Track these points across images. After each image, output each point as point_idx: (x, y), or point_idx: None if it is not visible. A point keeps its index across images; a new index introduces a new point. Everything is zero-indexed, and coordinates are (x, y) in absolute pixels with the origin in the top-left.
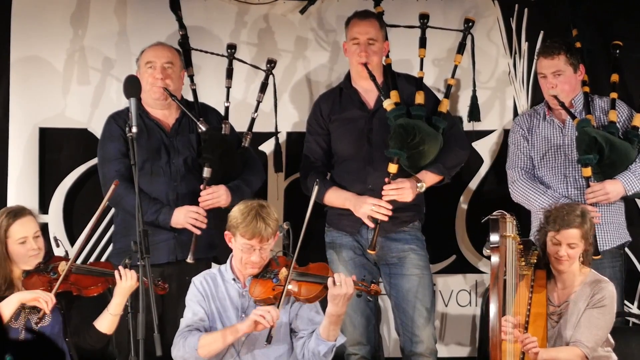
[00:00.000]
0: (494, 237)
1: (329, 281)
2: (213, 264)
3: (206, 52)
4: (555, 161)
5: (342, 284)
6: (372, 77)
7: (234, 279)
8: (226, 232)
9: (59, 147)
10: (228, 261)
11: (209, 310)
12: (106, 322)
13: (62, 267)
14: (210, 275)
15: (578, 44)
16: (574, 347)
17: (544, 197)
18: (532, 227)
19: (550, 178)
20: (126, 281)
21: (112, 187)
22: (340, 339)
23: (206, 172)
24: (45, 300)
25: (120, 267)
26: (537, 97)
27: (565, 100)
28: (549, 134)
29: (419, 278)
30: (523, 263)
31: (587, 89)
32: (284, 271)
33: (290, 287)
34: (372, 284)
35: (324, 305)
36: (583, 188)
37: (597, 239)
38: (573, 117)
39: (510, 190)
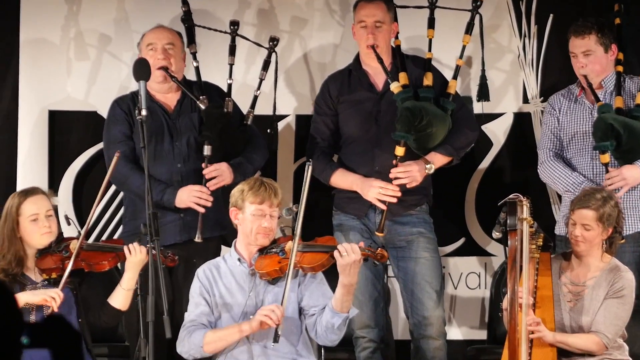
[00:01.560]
0: (511, 221)
1: (336, 252)
2: (223, 247)
3: (209, 28)
4: (584, 143)
5: (348, 252)
6: (380, 60)
7: (239, 259)
8: (232, 209)
9: (68, 130)
10: (232, 245)
11: (213, 299)
12: (120, 298)
13: (74, 245)
14: (213, 264)
15: (617, 20)
16: (593, 335)
17: (569, 180)
18: (561, 210)
19: (577, 160)
20: (136, 255)
21: (115, 159)
22: (353, 311)
23: (206, 149)
24: (52, 297)
25: (130, 244)
26: (547, 80)
27: (595, 80)
28: (579, 116)
29: (427, 261)
30: (533, 246)
31: (620, 68)
32: (289, 244)
33: (296, 259)
34: (379, 249)
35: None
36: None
37: None
38: (597, 99)
39: (538, 170)
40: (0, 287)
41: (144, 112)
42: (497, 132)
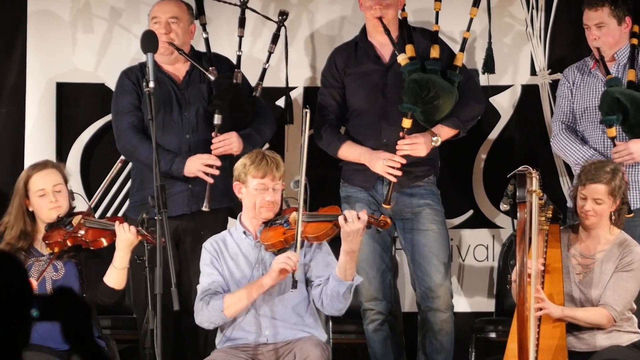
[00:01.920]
0: (520, 193)
1: (340, 219)
2: (230, 219)
3: (219, 0)
4: (595, 116)
5: (354, 219)
6: (387, 32)
7: (244, 232)
8: (235, 183)
9: (76, 102)
10: (237, 219)
11: (222, 270)
12: (114, 277)
13: (77, 220)
14: (220, 237)
15: None
16: (602, 309)
17: (580, 153)
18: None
19: (589, 133)
20: (122, 234)
21: (118, 165)
22: (357, 278)
23: (217, 118)
24: None
25: (117, 222)
26: (555, 52)
27: (608, 52)
28: (591, 89)
29: (435, 233)
30: (542, 218)
31: (635, 41)
32: (294, 215)
33: (300, 228)
34: (382, 216)
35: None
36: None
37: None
38: (607, 72)
39: (551, 142)
40: (10, 260)
41: (151, 84)
42: (505, 104)
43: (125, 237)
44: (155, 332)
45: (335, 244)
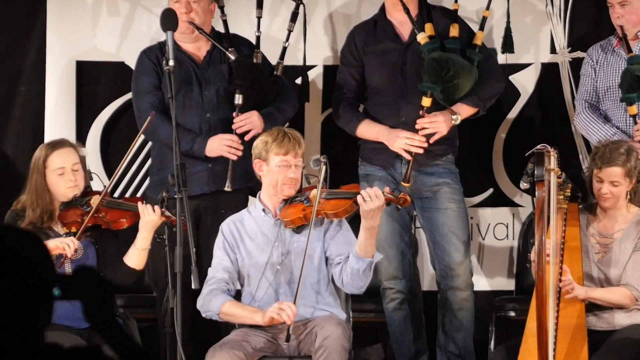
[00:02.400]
0: (538, 171)
1: (359, 198)
2: (250, 198)
3: None
4: (618, 95)
5: (372, 197)
6: (406, 10)
7: (263, 210)
8: (255, 161)
9: (95, 81)
10: (257, 197)
11: (239, 255)
12: (134, 257)
13: (95, 200)
14: (237, 217)
15: None
16: (623, 288)
17: (602, 132)
18: None
19: (612, 112)
20: (147, 216)
21: (148, 119)
22: (377, 255)
23: (237, 98)
24: (67, 244)
25: (140, 204)
26: (575, 31)
27: (631, 31)
28: (614, 67)
29: (453, 212)
30: (561, 197)
31: None
32: (314, 192)
33: (319, 206)
34: (401, 193)
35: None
36: None
37: None
38: (629, 50)
39: (574, 121)
40: (33, 238)
41: (171, 63)
42: (525, 82)
43: (150, 218)
44: (175, 311)
45: (354, 223)
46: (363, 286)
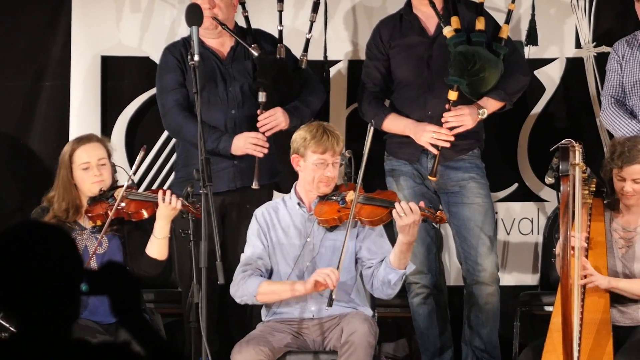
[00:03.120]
0: (563, 166)
1: (394, 212)
2: (275, 192)
3: None
4: None
5: (407, 213)
6: (432, 4)
7: (298, 204)
8: (293, 156)
9: (120, 76)
10: (292, 188)
11: (270, 243)
12: (155, 247)
13: (118, 193)
14: (272, 205)
15: None
16: None
17: (629, 127)
18: None
19: (639, 107)
20: (163, 204)
21: (141, 153)
22: (410, 267)
23: (261, 96)
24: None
25: (161, 192)
26: (600, 25)
27: None
28: None
29: (480, 206)
30: (586, 191)
31: None
32: (351, 194)
33: (355, 210)
34: (438, 211)
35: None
36: None
37: None
38: None
39: (601, 117)
40: (62, 233)
41: (196, 58)
42: (550, 77)
43: (166, 207)
44: (200, 306)
45: (388, 224)
46: (392, 294)
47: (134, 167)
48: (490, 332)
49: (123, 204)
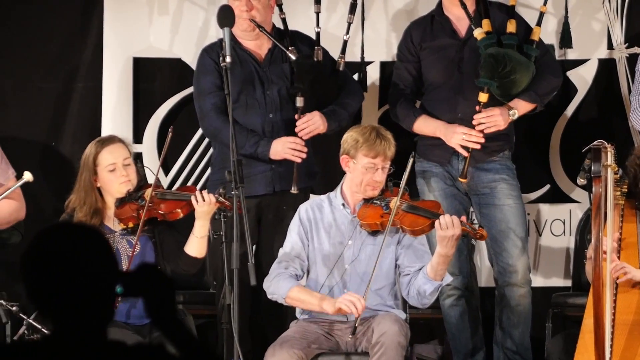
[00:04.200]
0: (595, 167)
1: (436, 223)
2: (311, 195)
3: None
4: None
5: (449, 226)
6: (464, 5)
7: (343, 205)
8: (343, 156)
9: (152, 77)
10: (338, 187)
11: (310, 241)
12: (194, 246)
13: (147, 193)
14: (316, 202)
15: None
16: None
17: None
18: None
19: None
20: (201, 203)
21: (169, 135)
22: (447, 278)
23: (299, 101)
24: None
25: (197, 192)
26: (632, 26)
27: None
28: None
29: (511, 208)
30: (618, 192)
31: None
32: (394, 201)
33: (398, 217)
34: (479, 228)
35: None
36: None
37: None
38: None
39: (630, 117)
40: (97, 235)
41: (228, 59)
42: (583, 78)
43: (205, 206)
44: (232, 307)
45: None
46: (427, 304)
47: (164, 150)
48: (522, 334)
49: (155, 204)
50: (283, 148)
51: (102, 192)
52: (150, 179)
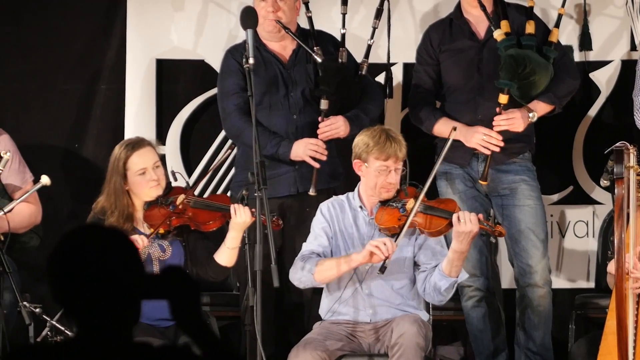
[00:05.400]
0: (618, 169)
1: (454, 217)
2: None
3: None
4: None
5: (466, 221)
6: (483, 7)
7: (360, 207)
8: (355, 161)
9: (176, 79)
10: (356, 189)
11: (334, 236)
12: (225, 256)
13: (180, 200)
14: (337, 201)
15: None
16: None
17: None
18: None
19: None
20: (240, 217)
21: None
22: (462, 275)
23: (323, 104)
24: (135, 240)
25: (236, 204)
26: None
27: None
28: None
29: (531, 209)
30: None
31: None
32: (411, 202)
33: (415, 218)
34: (497, 225)
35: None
36: None
37: None
38: None
39: (635, 117)
40: (124, 237)
41: (251, 61)
42: (605, 79)
43: (242, 220)
44: (255, 309)
45: None
46: (442, 301)
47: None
48: (543, 335)
49: (189, 213)
50: (304, 150)
51: (131, 194)
52: (174, 181)
